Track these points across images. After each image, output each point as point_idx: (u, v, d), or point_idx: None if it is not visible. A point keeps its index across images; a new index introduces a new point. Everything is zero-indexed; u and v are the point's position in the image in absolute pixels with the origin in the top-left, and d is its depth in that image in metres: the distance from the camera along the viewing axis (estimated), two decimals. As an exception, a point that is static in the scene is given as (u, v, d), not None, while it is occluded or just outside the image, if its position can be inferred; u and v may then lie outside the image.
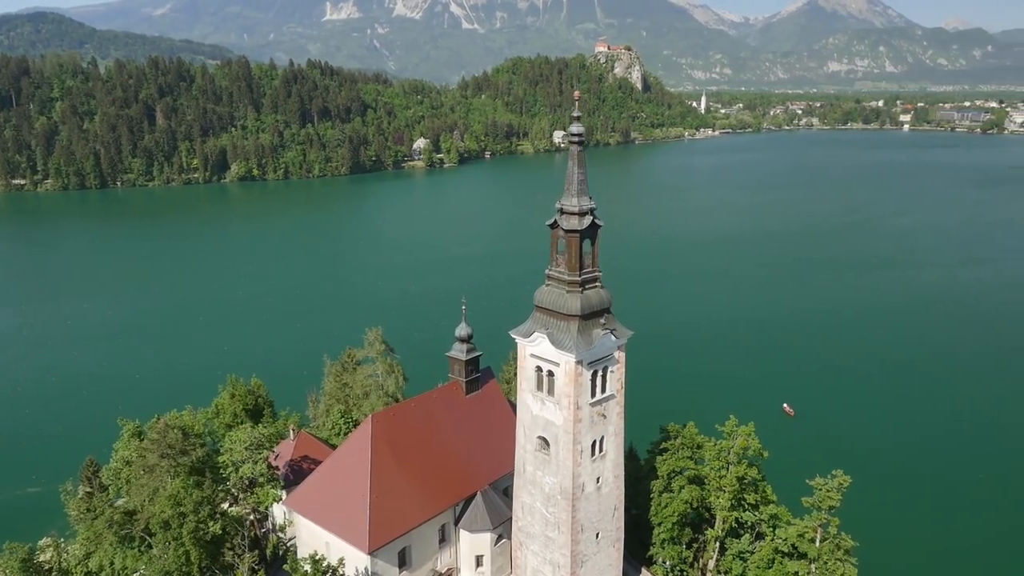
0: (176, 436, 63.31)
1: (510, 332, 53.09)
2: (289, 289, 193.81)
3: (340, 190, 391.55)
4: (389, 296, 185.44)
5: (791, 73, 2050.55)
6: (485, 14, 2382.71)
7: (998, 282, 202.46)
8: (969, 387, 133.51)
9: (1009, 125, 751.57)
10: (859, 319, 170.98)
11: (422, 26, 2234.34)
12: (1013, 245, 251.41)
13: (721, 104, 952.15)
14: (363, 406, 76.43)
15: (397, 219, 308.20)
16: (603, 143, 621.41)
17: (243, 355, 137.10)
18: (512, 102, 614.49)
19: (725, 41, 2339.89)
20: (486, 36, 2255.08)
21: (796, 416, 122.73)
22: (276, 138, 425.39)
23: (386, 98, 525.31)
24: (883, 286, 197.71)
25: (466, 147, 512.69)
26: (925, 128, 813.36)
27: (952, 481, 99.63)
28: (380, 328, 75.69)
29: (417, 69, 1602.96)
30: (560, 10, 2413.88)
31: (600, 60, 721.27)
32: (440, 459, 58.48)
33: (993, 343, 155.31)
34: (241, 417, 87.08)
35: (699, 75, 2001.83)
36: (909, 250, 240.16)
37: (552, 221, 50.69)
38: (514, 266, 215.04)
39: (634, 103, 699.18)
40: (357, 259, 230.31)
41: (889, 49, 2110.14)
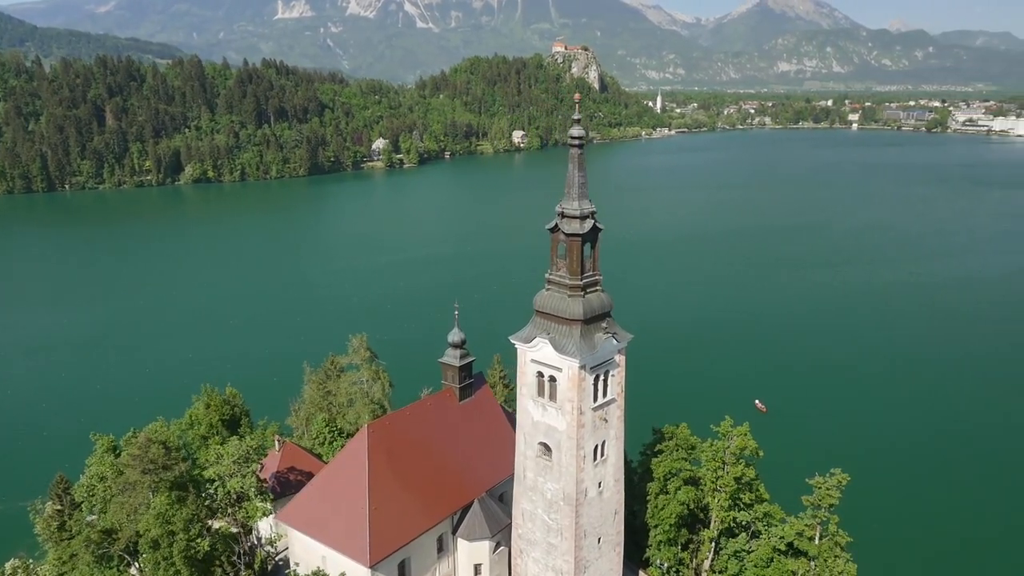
0: (158, 451, 61.01)
1: (510, 338, 52.35)
2: (255, 294, 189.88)
3: (300, 192, 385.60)
4: (360, 300, 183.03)
5: (742, 73, 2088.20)
6: (440, 13, 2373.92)
7: (952, 277, 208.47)
8: (933, 379, 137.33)
9: (952, 124, 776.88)
10: (822, 316, 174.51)
11: (376, 25, 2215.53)
12: (962, 241, 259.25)
13: (676, 104, 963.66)
14: (348, 414, 74.89)
15: (362, 221, 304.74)
16: (562, 143, 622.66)
17: (214, 364, 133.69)
18: (471, 102, 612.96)
19: (678, 41, 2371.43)
20: (441, 35, 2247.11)
21: (768, 412, 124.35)
22: (232, 139, 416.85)
23: (343, 98, 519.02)
24: (843, 283, 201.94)
25: (426, 147, 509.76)
26: (873, 127, 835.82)
27: (931, 472, 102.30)
28: (365, 334, 74.18)
29: (372, 68, 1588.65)
30: (515, 10, 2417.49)
31: (557, 60, 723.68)
32: (437, 467, 57.52)
33: (952, 336, 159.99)
34: (217, 428, 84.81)
35: (653, 75, 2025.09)
36: (866, 247, 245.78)
37: (553, 225, 50.10)
38: (485, 267, 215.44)
39: (592, 103, 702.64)
40: (323, 262, 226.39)
41: (836, 50, 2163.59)
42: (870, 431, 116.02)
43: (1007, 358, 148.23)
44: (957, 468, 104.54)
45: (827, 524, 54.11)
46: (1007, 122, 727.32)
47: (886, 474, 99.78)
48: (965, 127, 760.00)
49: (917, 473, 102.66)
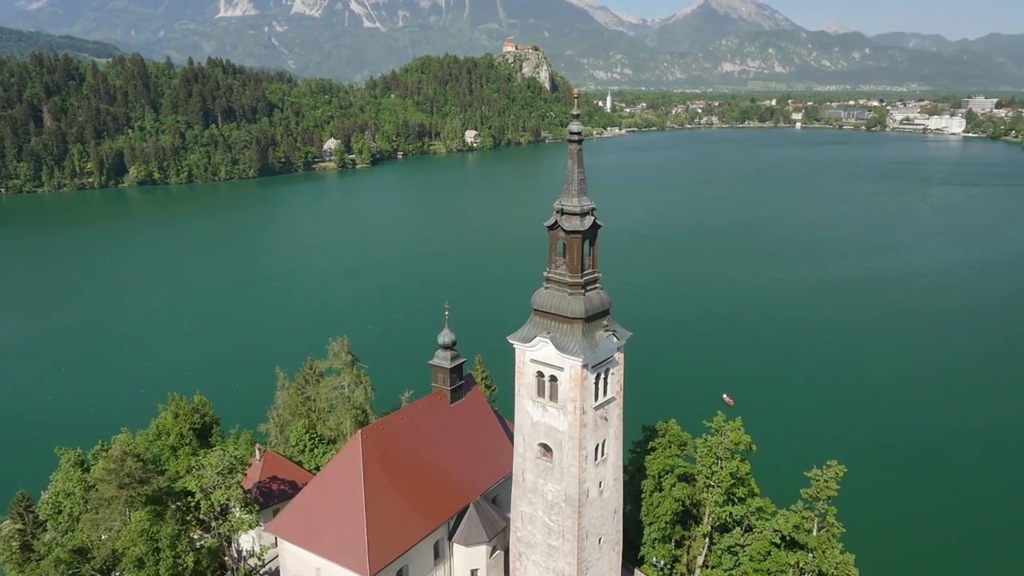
0: (134, 464, 58.26)
1: (508, 338, 51.34)
2: (216, 299, 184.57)
3: (252, 193, 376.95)
4: (324, 303, 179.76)
5: (688, 73, 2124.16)
6: (387, 12, 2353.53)
7: (902, 270, 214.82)
8: (900, 368, 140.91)
9: (890, 123, 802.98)
10: (784, 310, 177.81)
11: (322, 24, 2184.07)
12: (907, 235, 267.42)
13: (625, 103, 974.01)
14: (329, 420, 72.78)
15: (320, 222, 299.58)
16: (515, 142, 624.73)
17: (178, 372, 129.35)
18: (422, 102, 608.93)
19: (624, 42, 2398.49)
20: (388, 35, 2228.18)
21: (736, 406, 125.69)
22: (178, 140, 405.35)
23: (293, 98, 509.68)
24: (803, 277, 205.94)
25: (378, 147, 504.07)
26: (815, 126, 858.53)
27: (912, 459, 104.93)
28: (346, 337, 72.16)
29: (318, 68, 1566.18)
30: (463, 10, 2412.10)
31: (508, 60, 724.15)
32: (431, 472, 56.20)
33: (913, 326, 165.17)
34: (188, 438, 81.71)
35: (601, 75, 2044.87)
36: (817, 242, 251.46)
37: (552, 222, 49.26)
38: (452, 267, 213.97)
39: (543, 102, 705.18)
40: (282, 265, 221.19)
41: (777, 51, 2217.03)
42: (847, 421, 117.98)
43: (968, 344, 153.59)
44: (936, 454, 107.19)
45: (825, 516, 54.52)
46: (941, 121, 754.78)
47: (869, 463, 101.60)
48: (903, 126, 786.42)
49: (899, 460, 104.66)
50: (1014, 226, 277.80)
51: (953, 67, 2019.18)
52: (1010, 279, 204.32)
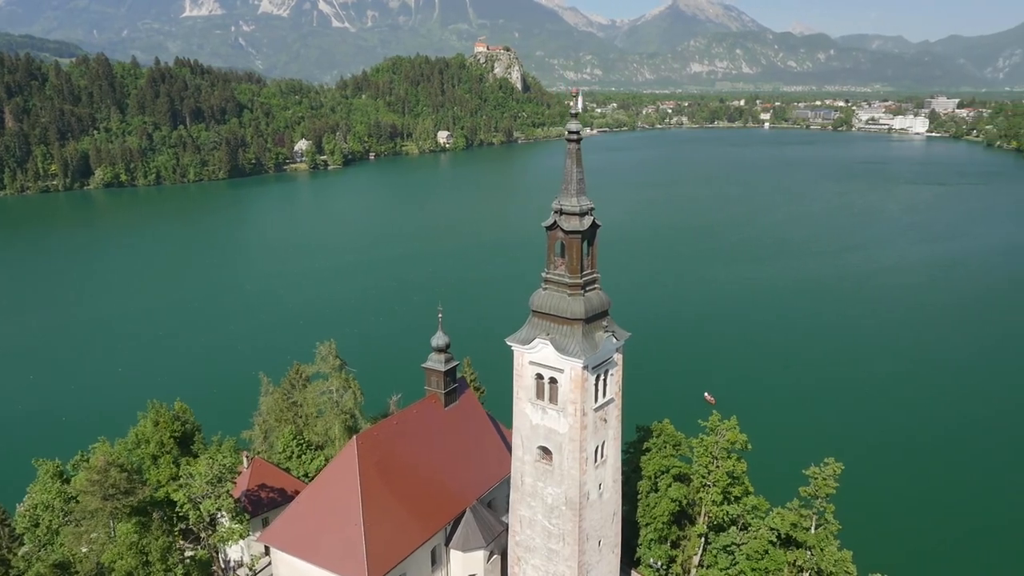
0: (119, 475, 56.55)
1: (506, 340, 50.61)
2: (192, 303, 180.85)
3: (221, 195, 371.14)
4: (303, 306, 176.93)
5: (657, 74, 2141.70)
6: (356, 12, 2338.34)
7: (874, 267, 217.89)
8: (872, 364, 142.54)
9: (856, 123, 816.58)
10: (759, 309, 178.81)
11: (290, 24, 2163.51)
12: (877, 233, 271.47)
13: (596, 104, 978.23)
14: (316, 425, 71.40)
15: (292, 224, 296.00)
16: (487, 143, 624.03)
17: (156, 378, 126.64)
18: (394, 102, 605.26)
19: (594, 43, 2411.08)
20: (358, 35, 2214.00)
21: (717, 404, 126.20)
22: (145, 141, 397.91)
23: (262, 98, 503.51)
24: (774, 275, 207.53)
25: (350, 148, 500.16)
26: (784, 126, 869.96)
27: (897, 453, 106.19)
28: (333, 341, 70.80)
29: (287, 68, 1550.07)
30: (432, 10, 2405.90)
31: (480, 60, 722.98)
32: (427, 477, 55.30)
33: (883, 323, 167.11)
34: (169, 446, 79.78)
35: (571, 75, 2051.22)
36: (791, 240, 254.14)
37: (551, 222, 48.68)
38: (432, 268, 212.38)
39: (515, 103, 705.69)
40: (256, 267, 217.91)
41: (745, 52, 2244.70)
42: (833, 417, 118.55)
43: (946, 339, 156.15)
44: (925, 448, 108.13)
45: (823, 514, 54.64)
46: (906, 121, 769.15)
47: (856, 458, 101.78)
48: (868, 126, 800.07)
49: (887, 455, 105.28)
50: (979, 224, 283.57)
51: (915, 68, 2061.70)
52: (980, 275, 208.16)
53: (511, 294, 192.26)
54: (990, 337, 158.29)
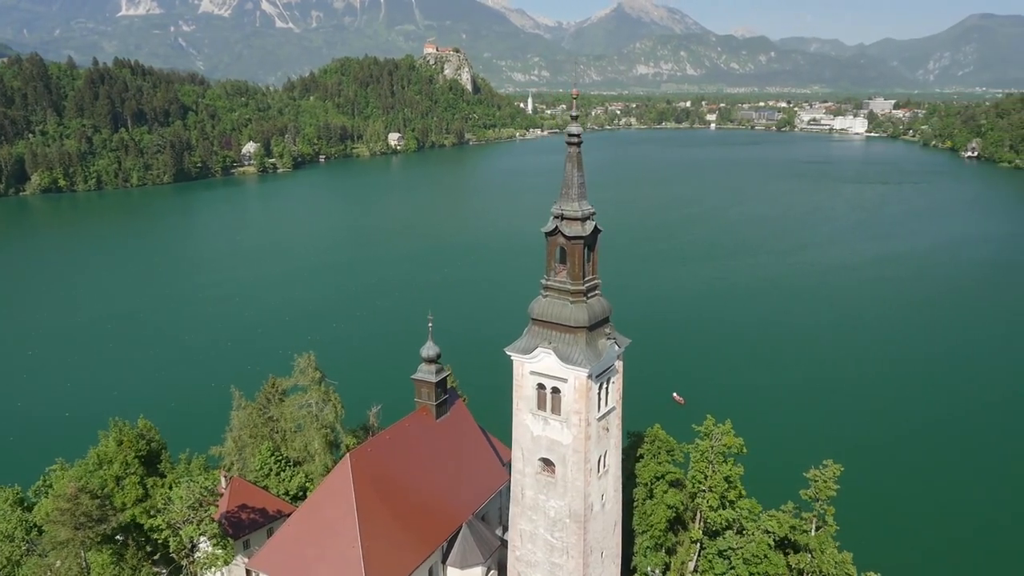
0: (90, 503, 53.08)
1: (505, 349, 49.05)
2: (142, 313, 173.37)
3: (167, 200, 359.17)
4: (261, 314, 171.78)
5: (604, 75, 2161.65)
6: (300, 13, 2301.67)
7: (828, 264, 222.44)
8: (834, 360, 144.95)
9: (798, 123, 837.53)
10: (719, 308, 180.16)
11: (232, 24, 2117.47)
12: (828, 231, 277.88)
13: (546, 105, 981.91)
14: (295, 441, 68.54)
15: (244, 229, 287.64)
16: (439, 144, 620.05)
17: (112, 394, 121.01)
18: (343, 104, 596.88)
19: (541, 44, 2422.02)
20: (302, 36, 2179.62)
21: (686, 404, 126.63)
22: (84, 144, 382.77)
23: (207, 100, 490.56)
24: (731, 275, 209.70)
25: (299, 151, 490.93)
26: (729, 126, 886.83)
27: (877, 451, 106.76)
28: (312, 353, 68.03)
29: (230, 69, 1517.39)
30: (378, 11, 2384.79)
31: (430, 61, 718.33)
32: (422, 493, 53.40)
33: (841, 319, 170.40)
34: (134, 466, 75.96)
35: (519, 77, 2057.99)
36: (745, 239, 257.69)
37: (553, 228, 47.29)
38: (391, 273, 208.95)
39: (465, 104, 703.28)
40: (210, 276, 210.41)
41: (689, 54, 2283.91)
42: (805, 415, 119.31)
43: (905, 334, 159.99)
44: (910, 446, 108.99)
45: (823, 516, 54.50)
46: (846, 121, 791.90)
47: (837, 457, 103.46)
48: (810, 126, 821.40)
49: (871, 453, 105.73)
50: (922, 220, 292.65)
51: (851, 70, 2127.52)
52: (934, 270, 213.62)
53: (484, 295, 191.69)
54: (959, 330, 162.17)
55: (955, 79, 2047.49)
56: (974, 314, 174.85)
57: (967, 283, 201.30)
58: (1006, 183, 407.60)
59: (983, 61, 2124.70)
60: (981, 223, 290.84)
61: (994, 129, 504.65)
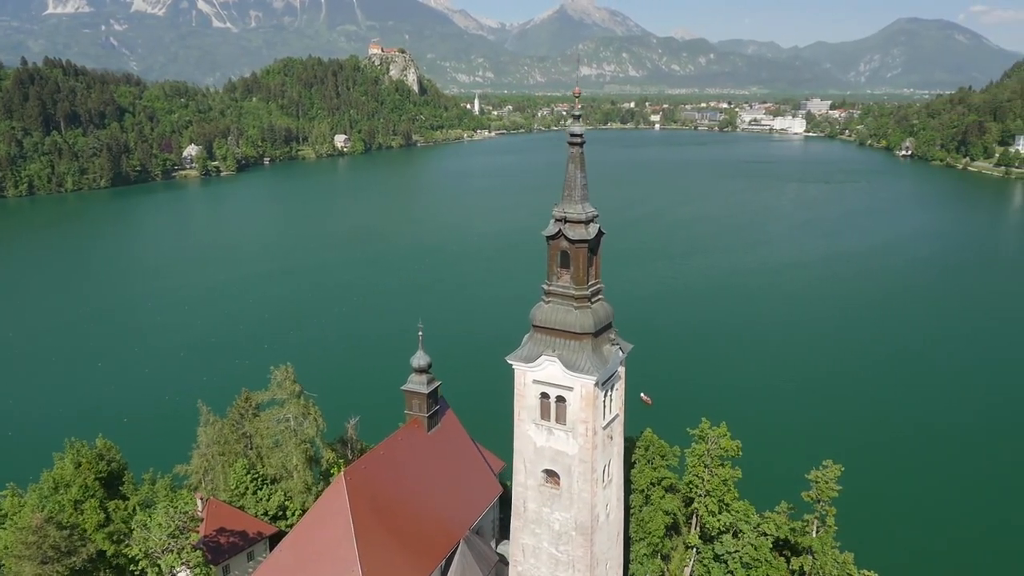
0: (58, 535, 49.31)
1: (507, 358, 47.27)
2: (86, 325, 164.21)
3: (105, 205, 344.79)
4: (217, 322, 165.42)
5: (548, 77, 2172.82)
6: (238, 12, 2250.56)
7: (780, 262, 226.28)
8: (795, 356, 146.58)
9: (740, 123, 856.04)
10: (677, 308, 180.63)
11: (166, 23, 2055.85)
12: (777, 229, 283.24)
13: (492, 106, 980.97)
14: (273, 457, 65.25)
15: (189, 234, 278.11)
16: (386, 146, 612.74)
17: (67, 412, 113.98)
18: (287, 105, 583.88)
19: (485, 46, 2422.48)
20: (241, 36, 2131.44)
21: (653, 404, 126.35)
22: (14, 148, 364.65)
23: (145, 101, 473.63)
24: (685, 273, 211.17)
25: (243, 153, 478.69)
26: (673, 127, 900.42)
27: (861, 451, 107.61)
28: (290, 365, 64.83)
29: (165, 70, 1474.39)
30: (319, 11, 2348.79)
31: (375, 62, 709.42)
32: (418, 509, 51.20)
33: (795, 316, 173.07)
34: (94, 489, 71.67)
35: (463, 78, 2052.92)
36: (697, 239, 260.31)
37: (556, 231, 45.67)
38: (349, 277, 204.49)
39: (412, 105, 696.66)
40: (157, 282, 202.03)
41: (631, 55, 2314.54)
42: (792, 415, 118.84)
43: (866, 330, 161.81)
44: (892, 444, 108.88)
45: (825, 517, 54.21)
46: (785, 121, 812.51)
47: (821, 456, 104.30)
48: (751, 126, 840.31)
49: (853, 452, 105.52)
50: (865, 217, 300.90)
51: (787, 72, 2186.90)
52: (883, 266, 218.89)
53: (451, 298, 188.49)
54: (925, 325, 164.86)
55: (884, 80, 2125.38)
56: (939, 309, 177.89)
57: (924, 278, 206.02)
58: (940, 180, 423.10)
59: (910, 63, 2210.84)
60: (925, 219, 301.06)
61: (926, 129, 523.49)
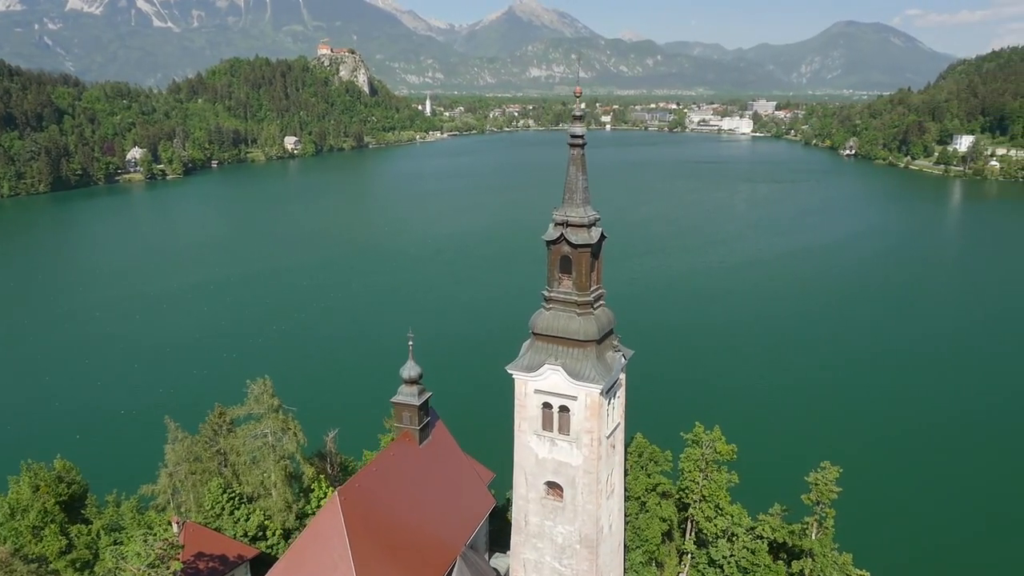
0: (24, 568, 45.82)
1: (507, 368, 45.57)
2: (37, 338, 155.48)
3: (44, 210, 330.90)
4: (175, 331, 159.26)
5: (498, 78, 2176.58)
6: (179, 12, 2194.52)
7: (739, 260, 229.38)
8: (765, 355, 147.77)
9: (689, 124, 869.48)
10: (638, 307, 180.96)
11: (104, 23, 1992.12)
12: (733, 227, 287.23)
13: (443, 107, 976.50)
14: (251, 475, 62.18)
15: (135, 240, 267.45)
16: (337, 148, 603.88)
17: (21, 432, 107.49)
18: (234, 106, 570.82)
19: (435, 47, 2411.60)
20: (183, 36, 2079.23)
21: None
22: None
23: (85, 103, 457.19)
24: (646, 272, 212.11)
25: (190, 156, 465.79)
26: (624, 127, 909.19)
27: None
28: (268, 378, 61.87)
29: (104, 70, 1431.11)
30: (264, 11, 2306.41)
31: (324, 63, 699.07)
32: (414, 526, 49.09)
33: (757, 313, 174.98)
34: (53, 513, 67.75)
35: (413, 79, 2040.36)
36: (655, 238, 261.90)
37: (558, 235, 44.15)
38: (315, 282, 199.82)
39: (363, 107, 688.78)
40: (104, 292, 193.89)
41: (580, 57, 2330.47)
42: (773, 415, 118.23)
43: (832, 326, 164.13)
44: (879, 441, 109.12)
45: (824, 519, 53.91)
46: (733, 122, 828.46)
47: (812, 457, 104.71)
48: (700, 127, 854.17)
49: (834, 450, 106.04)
50: (819, 216, 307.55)
51: (732, 73, 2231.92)
52: (840, 264, 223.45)
53: (417, 301, 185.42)
54: (895, 322, 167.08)
55: (825, 82, 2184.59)
56: (909, 304, 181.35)
57: (887, 275, 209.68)
58: (884, 179, 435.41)
59: (849, 65, 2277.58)
60: (876, 216, 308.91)
61: (868, 129, 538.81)
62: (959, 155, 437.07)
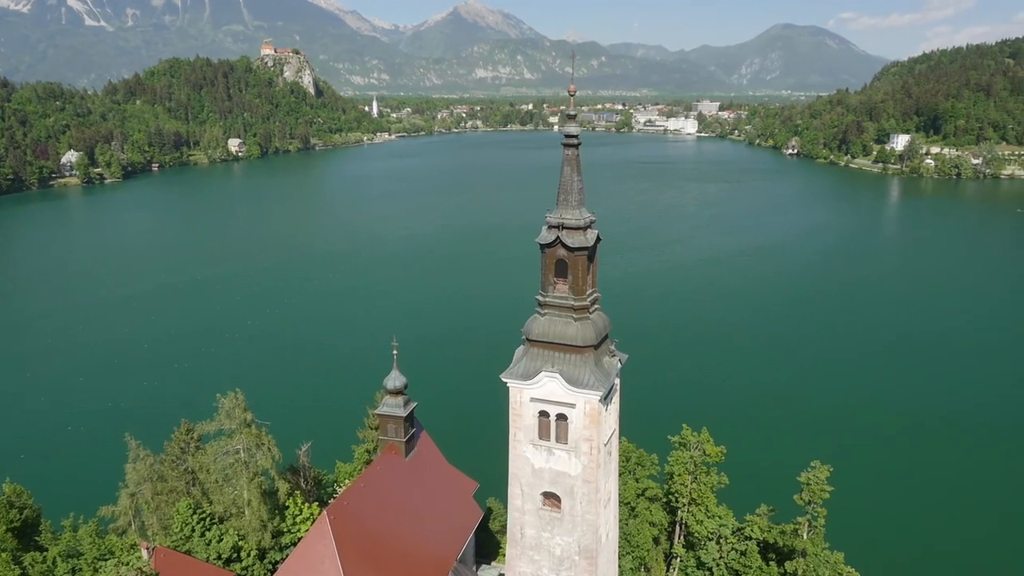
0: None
1: (502, 376, 43.94)
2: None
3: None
4: (116, 342, 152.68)
5: (444, 79, 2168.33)
6: (113, 10, 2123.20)
7: (691, 260, 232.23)
8: (743, 355, 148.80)
9: (635, 124, 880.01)
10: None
11: (32, 21, 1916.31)
12: (684, 227, 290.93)
13: (390, 108, 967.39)
14: (222, 494, 59.16)
15: (71, 248, 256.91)
16: (283, 150, 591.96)
17: None
18: (175, 108, 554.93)
19: (379, 47, 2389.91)
20: (117, 35, 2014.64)
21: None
22: None
23: (15, 104, 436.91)
24: (601, 274, 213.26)
25: (128, 159, 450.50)
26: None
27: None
28: (240, 391, 58.88)
29: (33, 71, 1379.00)
30: (202, 10, 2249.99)
31: (268, 63, 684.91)
32: (404, 542, 47.23)
33: (714, 310, 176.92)
34: (6, 541, 63.80)
35: (358, 80, 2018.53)
36: (608, 239, 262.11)
37: (552, 239, 42.77)
38: (265, 287, 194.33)
39: (309, 108, 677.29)
40: (45, 301, 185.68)
41: (525, 58, 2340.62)
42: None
43: (786, 323, 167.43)
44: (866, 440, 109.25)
45: (815, 519, 53.85)
46: (678, 122, 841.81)
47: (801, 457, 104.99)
48: (646, 127, 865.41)
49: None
50: (766, 214, 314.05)
51: (675, 74, 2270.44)
52: (787, 262, 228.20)
53: (378, 305, 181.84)
54: (863, 318, 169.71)
55: (764, 83, 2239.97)
56: (869, 302, 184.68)
57: (845, 270, 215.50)
58: (826, 177, 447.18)
59: (787, 67, 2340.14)
60: (823, 213, 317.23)
61: (809, 129, 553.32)
62: (896, 154, 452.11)
